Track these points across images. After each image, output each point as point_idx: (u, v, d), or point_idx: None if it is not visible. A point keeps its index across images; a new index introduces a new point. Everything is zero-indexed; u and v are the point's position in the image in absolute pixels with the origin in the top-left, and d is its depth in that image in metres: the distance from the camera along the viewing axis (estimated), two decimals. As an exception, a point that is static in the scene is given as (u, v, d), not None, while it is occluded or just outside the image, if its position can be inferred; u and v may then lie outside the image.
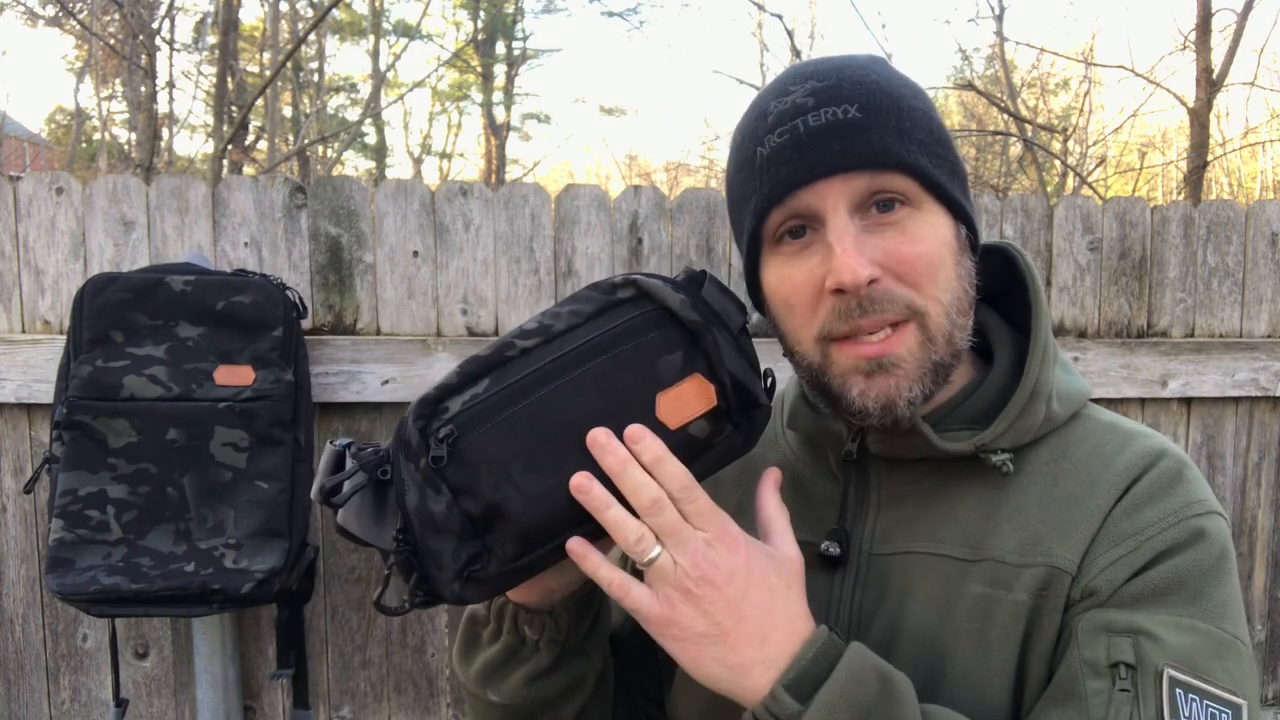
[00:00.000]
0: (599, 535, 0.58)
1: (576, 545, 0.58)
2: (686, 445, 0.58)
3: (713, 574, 0.56)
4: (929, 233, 0.63)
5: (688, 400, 0.57)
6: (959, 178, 0.67)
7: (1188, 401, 1.99)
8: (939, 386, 0.65)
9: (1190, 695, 0.57)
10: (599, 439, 0.56)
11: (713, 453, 0.59)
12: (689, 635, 0.57)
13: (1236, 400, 2.01)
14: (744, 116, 0.68)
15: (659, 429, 0.57)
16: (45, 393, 1.65)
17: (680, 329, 0.58)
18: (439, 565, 0.57)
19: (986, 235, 1.95)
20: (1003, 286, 0.74)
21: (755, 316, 0.72)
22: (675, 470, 0.57)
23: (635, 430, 0.56)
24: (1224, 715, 0.57)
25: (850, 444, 0.71)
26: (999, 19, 6.45)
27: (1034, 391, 0.68)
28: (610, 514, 0.56)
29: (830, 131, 0.61)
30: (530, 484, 0.56)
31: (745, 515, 0.76)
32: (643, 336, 0.57)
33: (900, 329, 0.63)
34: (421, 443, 0.56)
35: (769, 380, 0.61)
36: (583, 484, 0.56)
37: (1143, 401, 1.97)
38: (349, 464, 0.59)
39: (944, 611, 0.66)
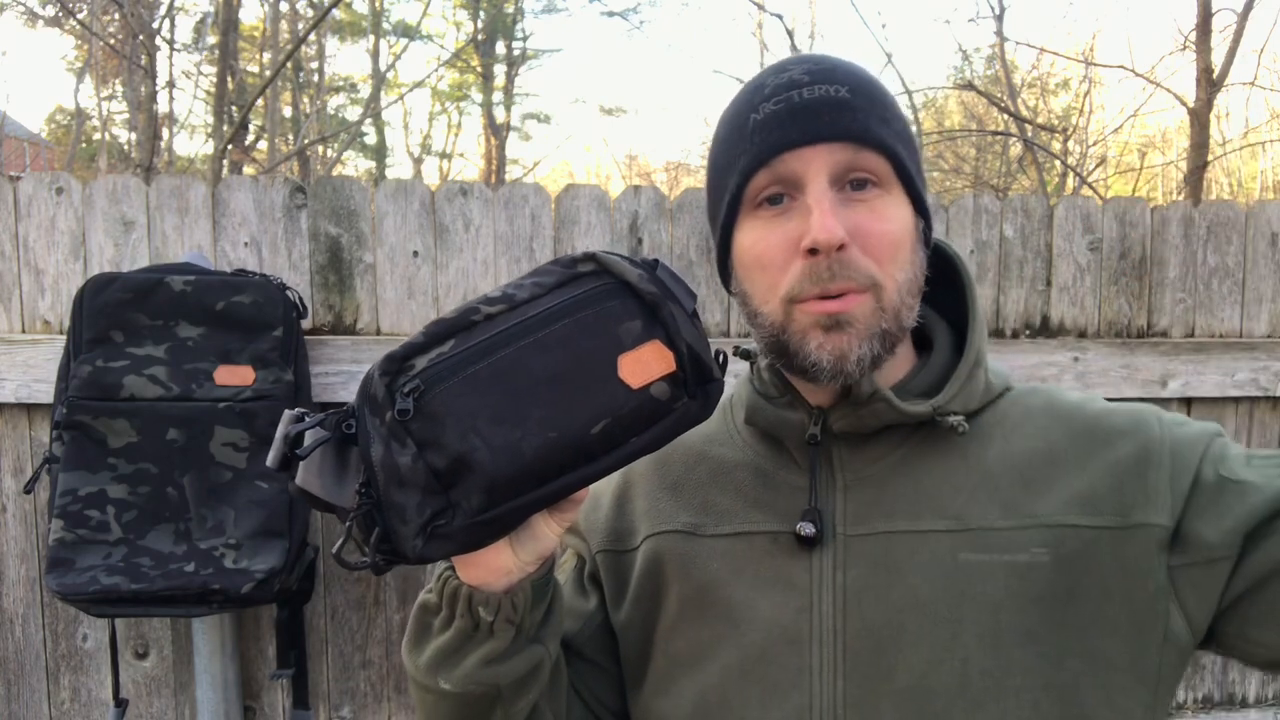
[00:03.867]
0: (564, 495, 0.59)
1: None
2: (649, 406, 0.59)
3: None
4: (895, 214, 0.69)
5: (648, 363, 0.59)
6: (922, 177, 0.72)
7: (1188, 401, 1.99)
8: (886, 353, 0.69)
9: None
10: None
11: (672, 417, 0.60)
12: None
13: (1236, 400, 2.01)
14: (738, 94, 0.73)
15: (622, 388, 0.58)
16: (45, 393, 1.65)
17: (639, 301, 0.60)
18: (403, 519, 0.57)
19: (986, 235, 1.95)
20: (933, 288, 0.78)
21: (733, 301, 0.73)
22: None
23: None
24: None
25: (814, 427, 0.74)
26: (999, 19, 6.44)
27: (976, 361, 0.75)
28: None
29: (821, 104, 0.67)
30: (496, 436, 0.56)
31: (713, 514, 0.78)
32: (603, 304, 0.60)
33: (859, 296, 0.68)
34: (388, 397, 0.57)
35: (720, 358, 0.63)
36: None
37: (1142, 401, 1.97)
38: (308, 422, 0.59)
39: (945, 582, 0.68)
